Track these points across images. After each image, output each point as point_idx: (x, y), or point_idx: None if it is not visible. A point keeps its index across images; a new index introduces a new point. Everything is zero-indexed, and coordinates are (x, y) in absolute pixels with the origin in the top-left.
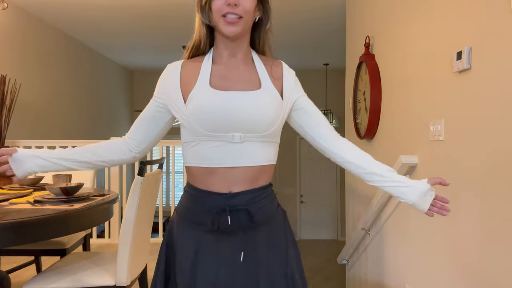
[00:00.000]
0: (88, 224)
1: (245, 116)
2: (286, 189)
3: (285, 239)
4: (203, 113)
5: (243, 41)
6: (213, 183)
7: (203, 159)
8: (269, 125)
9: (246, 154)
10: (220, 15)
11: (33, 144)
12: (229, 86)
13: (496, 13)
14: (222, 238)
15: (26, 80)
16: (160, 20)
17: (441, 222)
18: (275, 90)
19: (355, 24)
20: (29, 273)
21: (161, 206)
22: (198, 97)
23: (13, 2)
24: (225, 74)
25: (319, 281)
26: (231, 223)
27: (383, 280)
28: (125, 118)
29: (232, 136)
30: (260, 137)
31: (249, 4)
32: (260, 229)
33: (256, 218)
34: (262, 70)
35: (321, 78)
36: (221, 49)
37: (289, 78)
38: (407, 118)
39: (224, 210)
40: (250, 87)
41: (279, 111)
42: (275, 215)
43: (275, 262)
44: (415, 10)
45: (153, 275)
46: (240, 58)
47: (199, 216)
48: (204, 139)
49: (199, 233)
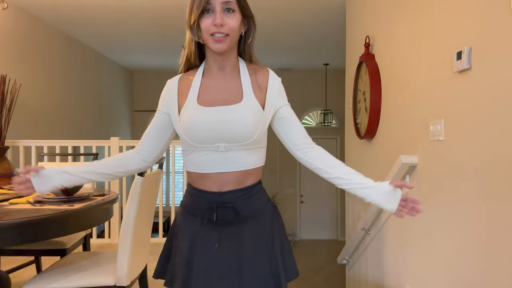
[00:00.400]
0: (88, 224)
1: (227, 129)
2: (286, 189)
3: (272, 231)
4: (191, 128)
5: (231, 54)
6: (206, 184)
7: (196, 166)
8: (250, 135)
9: (233, 161)
10: (208, 34)
11: (33, 144)
12: (214, 100)
13: (496, 13)
14: (213, 228)
15: (26, 80)
16: (160, 20)
17: (441, 222)
18: (256, 102)
19: (355, 24)
20: (29, 273)
21: (161, 206)
22: (187, 114)
23: (14, 2)
24: (212, 88)
25: (319, 281)
26: (217, 218)
27: (383, 280)
28: (125, 118)
29: (217, 146)
30: (243, 145)
31: (234, 23)
32: (247, 223)
33: (242, 213)
34: (247, 82)
35: (321, 78)
36: (210, 62)
37: (273, 87)
38: (407, 118)
39: (213, 207)
40: (233, 100)
41: (259, 122)
42: (264, 210)
43: (260, 251)
44: (415, 10)
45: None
46: (228, 71)
47: (195, 210)
48: (195, 149)
49: (195, 224)
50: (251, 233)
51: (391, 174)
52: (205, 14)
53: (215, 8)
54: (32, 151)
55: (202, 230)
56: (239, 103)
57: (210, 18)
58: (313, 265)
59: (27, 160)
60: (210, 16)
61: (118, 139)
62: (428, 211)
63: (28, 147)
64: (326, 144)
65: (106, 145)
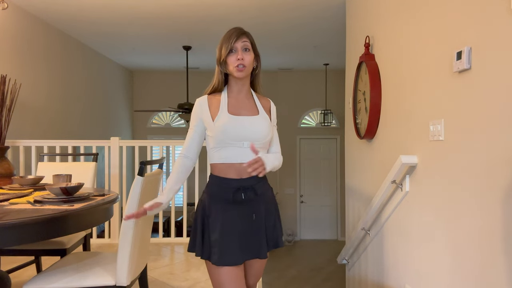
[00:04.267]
0: (88, 224)
1: (250, 131)
2: (286, 189)
3: (273, 204)
4: (225, 129)
5: (246, 80)
6: (230, 172)
7: (224, 158)
8: (265, 137)
9: (251, 155)
10: (234, 66)
11: (33, 144)
12: (239, 112)
13: (496, 13)
14: (238, 206)
15: (26, 80)
16: (160, 20)
17: (441, 222)
18: (267, 116)
19: (355, 24)
20: (29, 273)
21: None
22: (222, 120)
23: (13, 2)
24: (235, 104)
25: (319, 281)
26: (244, 197)
27: (383, 280)
28: (125, 118)
29: (242, 143)
30: (259, 144)
31: (249, 59)
32: (260, 200)
33: (259, 192)
34: (258, 103)
35: (321, 78)
36: (232, 86)
37: (273, 112)
38: (407, 118)
39: (239, 189)
40: (252, 113)
41: (269, 129)
42: (268, 191)
43: (269, 217)
44: (415, 10)
45: (190, 236)
46: (244, 93)
47: (224, 194)
48: (225, 145)
49: (224, 204)
50: (265, 207)
51: (391, 174)
52: (230, 53)
53: (237, 49)
54: (32, 151)
55: (229, 208)
56: (258, 115)
57: (234, 56)
58: (313, 265)
59: (27, 160)
60: (234, 54)
61: (118, 139)
62: (428, 211)
63: (28, 147)
64: (326, 144)
65: (106, 145)
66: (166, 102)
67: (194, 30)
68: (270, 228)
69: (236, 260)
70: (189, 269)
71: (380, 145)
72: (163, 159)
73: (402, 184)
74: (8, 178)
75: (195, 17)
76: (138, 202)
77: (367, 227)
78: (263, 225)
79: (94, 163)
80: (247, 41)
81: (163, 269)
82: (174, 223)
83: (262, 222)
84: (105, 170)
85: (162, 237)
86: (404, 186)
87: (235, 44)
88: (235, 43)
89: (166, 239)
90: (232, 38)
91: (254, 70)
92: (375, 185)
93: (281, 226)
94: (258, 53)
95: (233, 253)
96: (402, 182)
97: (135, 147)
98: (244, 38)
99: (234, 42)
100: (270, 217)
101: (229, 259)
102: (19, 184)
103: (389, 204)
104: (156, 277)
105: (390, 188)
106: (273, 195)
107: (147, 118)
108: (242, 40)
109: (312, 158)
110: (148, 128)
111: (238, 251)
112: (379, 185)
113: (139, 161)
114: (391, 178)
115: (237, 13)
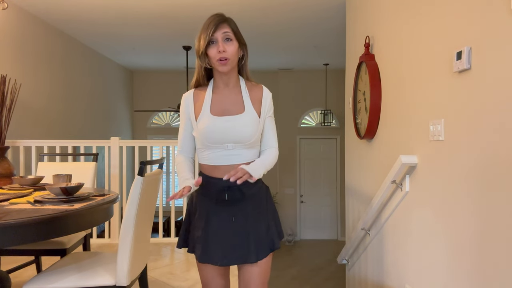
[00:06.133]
0: (88, 224)
1: (233, 134)
2: (286, 189)
3: (266, 205)
4: (206, 132)
5: (232, 73)
6: (216, 173)
7: (209, 160)
8: (250, 138)
9: (237, 156)
10: (215, 59)
11: (33, 144)
12: (223, 111)
13: (496, 13)
14: (225, 206)
15: (26, 80)
16: (160, 20)
17: (441, 222)
18: (254, 112)
19: (355, 24)
20: (29, 273)
21: (161, 206)
22: (203, 121)
23: (13, 2)
24: (221, 101)
25: (319, 281)
26: (227, 198)
27: (383, 280)
28: (125, 118)
29: (226, 145)
30: (245, 145)
31: (232, 49)
32: (249, 201)
33: (247, 193)
34: (246, 96)
35: (321, 78)
36: (218, 81)
37: (266, 101)
38: (407, 118)
39: (223, 189)
40: (237, 110)
41: (256, 128)
42: (260, 191)
43: (259, 218)
44: (415, 10)
45: (180, 232)
46: (232, 86)
47: (208, 193)
48: (208, 147)
49: (209, 203)
50: (253, 208)
51: (391, 174)
52: (210, 45)
53: (217, 39)
54: (32, 151)
55: (215, 208)
56: (242, 113)
57: (215, 48)
58: (313, 265)
59: (27, 160)
60: (215, 46)
61: (118, 139)
62: (428, 211)
63: (28, 147)
64: (326, 144)
65: (106, 145)
66: (166, 102)
67: (194, 30)
68: (261, 231)
69: (218, 260)
70: (189, 269)
71: (380, 145)
72: (163, 159)
73: (402, 184)
74: (8, 178)
75: (195, 17)
76: (138, 202)
77: (367, 227)
78: (250, 227)
79: (94, 163)
80: (228, 30)
81: (163, 269)
82: (174, 223)
83: (247, 225)
84: (105, 170)
85: (162, 237)
86: (404, 186)
87: (215, 34)
88: (215, 33)
89: (166, 239)
90: (210, 27)
91: (240, 60)
92: (375, 185)
93: (280, 227)
94: (243, 42)
95: (215, 253)
96: (402, 182)
97: (135, 147)
98: (225, 26)
99: (213, 32)
100: (260, 218)
101: (210, 258)
102: (19, 184)
103: (389, 204)
104: (156, 277)
105: (390, 188)
106: (269, 195)
107: (147, 118)
108: (223, 30)
109: (312, 158)
110: (148, 128)
111: (220, 252)
112: (379, 185)
113: (139, 161)
114: (391, 178)
115: (237, 13)
